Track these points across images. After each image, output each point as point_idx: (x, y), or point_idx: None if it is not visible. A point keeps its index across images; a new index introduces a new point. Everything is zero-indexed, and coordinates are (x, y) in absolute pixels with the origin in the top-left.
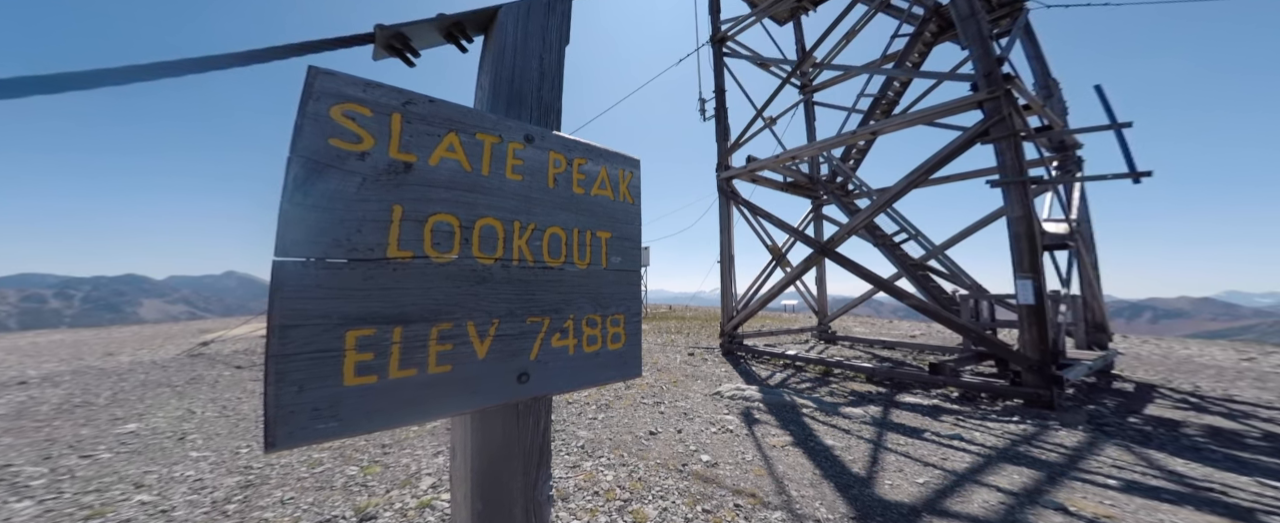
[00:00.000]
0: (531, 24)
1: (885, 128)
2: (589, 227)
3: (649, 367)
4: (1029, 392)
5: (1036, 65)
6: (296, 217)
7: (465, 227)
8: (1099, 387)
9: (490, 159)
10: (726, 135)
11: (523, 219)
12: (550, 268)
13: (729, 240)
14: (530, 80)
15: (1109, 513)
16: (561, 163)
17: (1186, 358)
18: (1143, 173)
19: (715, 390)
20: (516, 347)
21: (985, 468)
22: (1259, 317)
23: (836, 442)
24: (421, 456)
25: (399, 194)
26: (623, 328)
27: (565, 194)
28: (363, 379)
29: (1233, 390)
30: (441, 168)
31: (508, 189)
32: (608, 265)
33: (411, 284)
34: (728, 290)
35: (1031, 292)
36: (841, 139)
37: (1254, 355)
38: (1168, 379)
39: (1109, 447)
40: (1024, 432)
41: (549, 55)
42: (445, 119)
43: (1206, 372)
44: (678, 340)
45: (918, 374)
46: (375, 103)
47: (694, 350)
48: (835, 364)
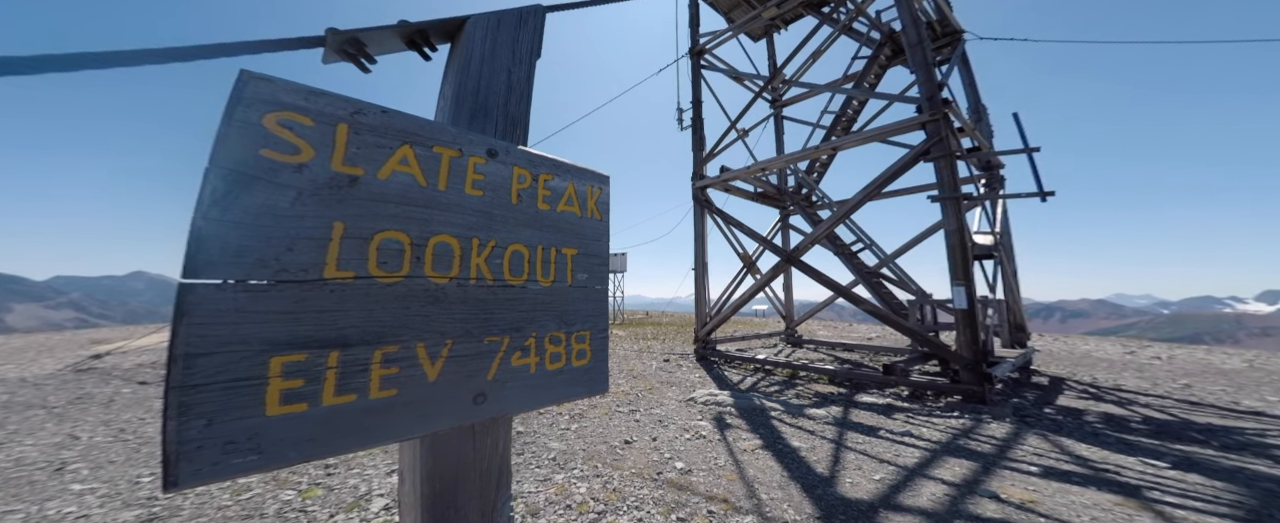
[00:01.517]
0: (501, 36)
1: (845, 144)
2: (554, 243)
3: (625, 374)
4: (966, 388)
5: (969, 91)
6: (213, 234)
7: (417, 245)
8: (1021, 381)
9: (448, 174)
10: (702, 145)
11: (482, 236)
12: (511, 286)
13: (703, 248)
14: (497, 93)
15: (1032, 499)
16: (526, 179)
17: (1086, 353)
18: (1048, 192)
19: (689, 397)
20: (473, 367)
21: (932, 462)
22: (1137, 316)
23: (802, 443)
24: (372, 475)
25: (341, 210)
26: (588, 345)
27: (530, 210)
28: (290, 408)
29: (1120, 380)
30: (392, 182)
31: (467, 205)
32: (573, 282)
33: (352, 306)
34: (702, 297)
35: (965, 298)
36: (806, 153)
37: (1134, 349)
38: (1073, 372)
39: (1030, 436)
40: (963, 426)
41: (518, 69)
42: (399, 131)
43: (1101, 365)
44: (654, 347)
45: (873, 375)
46: (318, 112)
47: (669, 357)
48: (801, 367)
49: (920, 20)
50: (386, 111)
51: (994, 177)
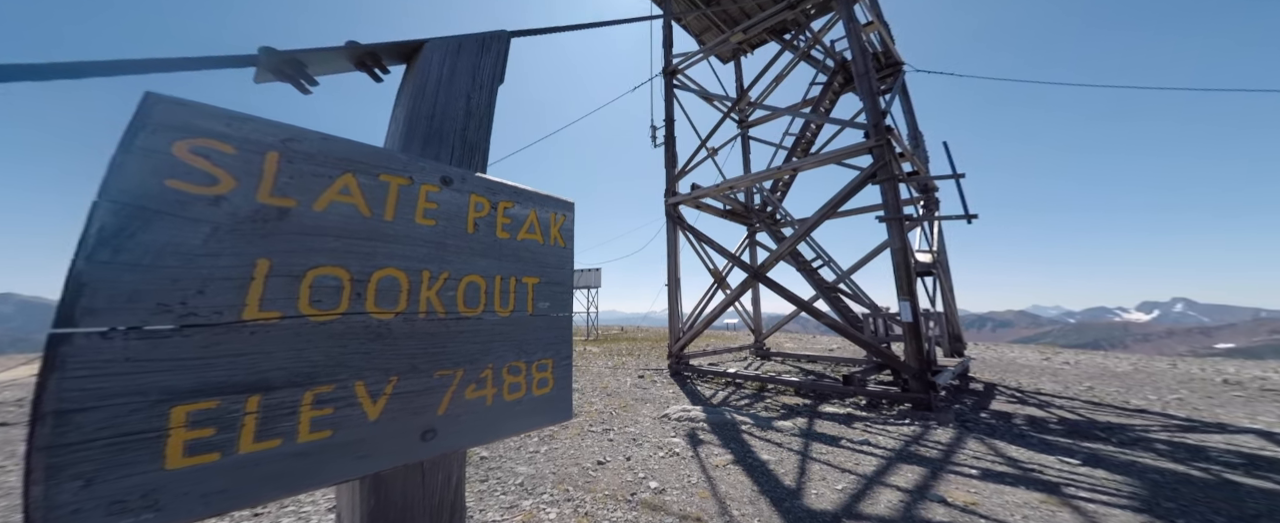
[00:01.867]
0: (462, 61)
1: (804, 165)
2: (514, 273)
3: (599, 392)
4: (915, 396)
5: (908, 119)
6: (101, 278)
7: (358, 280)
8: (961, 388)
9: (397, 203)
10: (674, 162)
11: (434, 268)
12: (466, 318)
13: (676, 264)
14: (454, 118)
15: (974, 501)
16: (484, 206)
17: (1012, 360)
18: (973, 216)
19: (663, 413)
20: (420, 403)
21: (887, 470)
22: (1051, 324)
23: (771, 456)
24: (311, 512)
25: (267, 245)
26: (551, 373)
27: (487, 240)
28: (197, 459)
29: (1039, 385)
30: (330, 214)
31: (417, 236)
32: (534, 311)
33: (277, 347)
34: (675, 313)
35: (910, 311)
36: (770, 173)
37: (1049, 356)
38: (1002, 378)
39: (970, 440)
40: (913, 433)
41: (479, 94)
42: (341, 159)
43: (1024, 371)
44: (628, 363)
45: (835, 386)
46: (243, 139)
47: (644, 373)
48: (769, 380)
49: (867, 51)
50: (327, 138)
51: (930, 199)
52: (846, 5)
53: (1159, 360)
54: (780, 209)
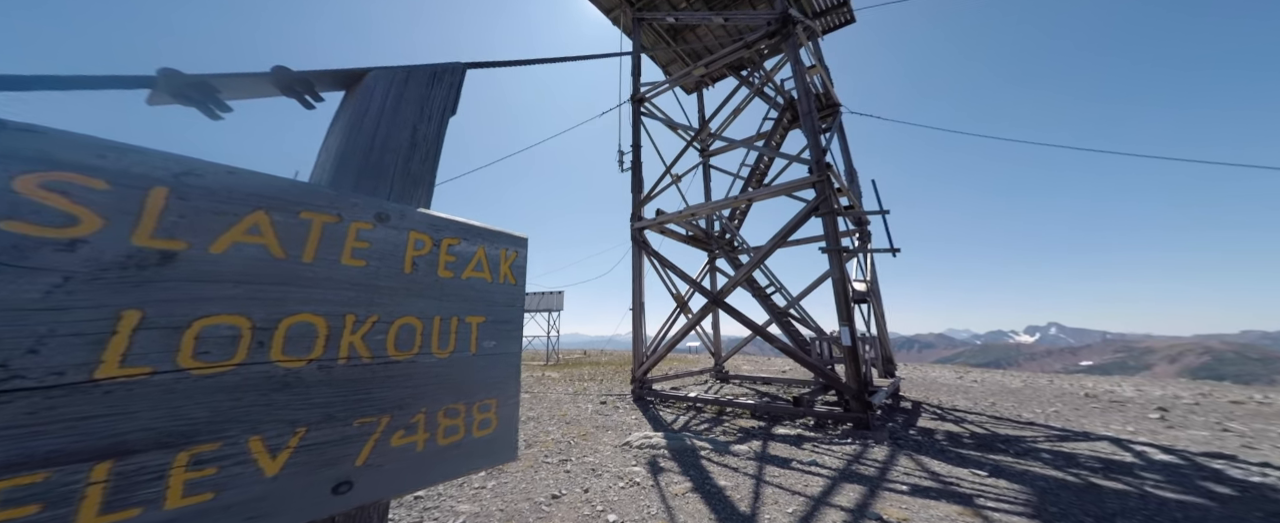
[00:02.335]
0: (410, 91)
1: (758, 196)
2: (456, 313)
3: (557, 420)
4: (855, 416)
5: (845, 156)
6: None
7: (262, 328)
8: (893, 407)
9: (319, 243)
10: (640, 187)
11: (361, 312)
12: (396, 362)
13: (640, 288)
14: (396, 151)
15: (905, 517)
16: (425, 244)
17: (934, 379)
18: (896, 249)
19: (625, 441)
20: (334, 454)
21: (832, 490)
22: (963, 346)
23: (728, 482)
24: None
25: (139, 295)
26: (494, 413)
27: (427, 279)
28: None
29: (955, 402)
30: (231, 257)
31: (342, 278)
32: (478, 351)
33: (144, 406)
34: (639, 337)
35: (849, 336)
36: (728, 201)
37: (962, 374)
38: (926, 397)
39: (902, 457)
40: (854, 452)
41: (427, 125)
42: (252, 194)
43: (943, 389)
44: (590, 388)
45: (786, 408)
46: (120, 172)
47: (606, 398)
48: (727, 403)
49: (810, 92)
50: (235, 172)
51: (864, 232)
52: (793, 48)
53: (1041, 377)
54: (738, 236)
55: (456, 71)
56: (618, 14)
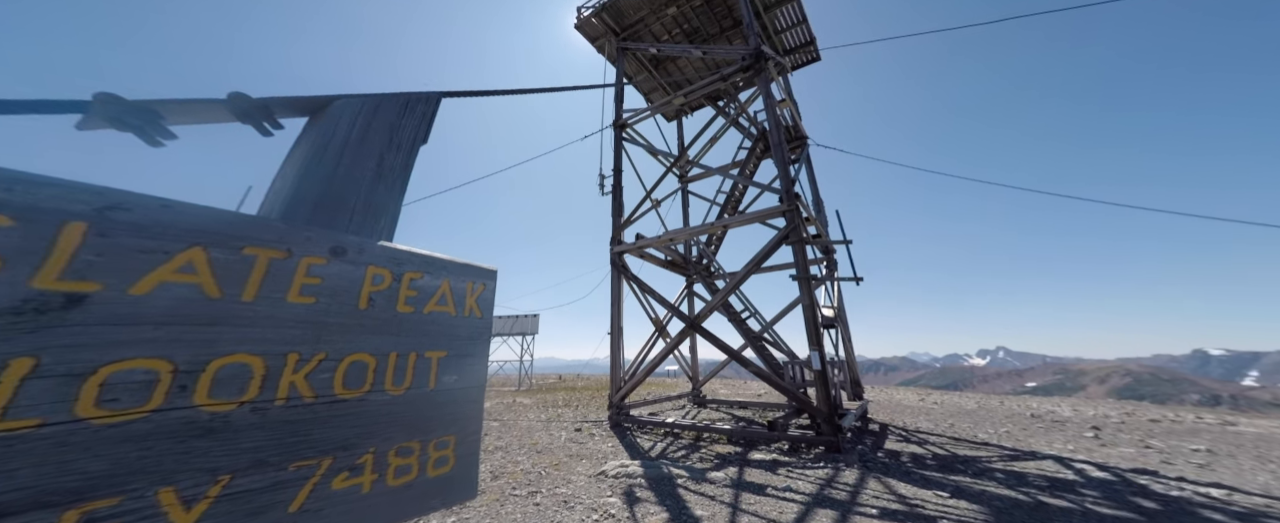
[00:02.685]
0: (379, 120)
1: (733, 223)
2: (415, 348)
3: (527, 449)
4: (826, 439)
5: (812, 187)
6: None
7: (187, 371)
8: (862, 429)
9: (263, 280)
10: (620, 211)
11: (306, 350)
12: (343, 401)
13: (619, 312)
14: (360, 181)
15: None
16: (384, 279)
17: (899, 402)
18: (859, 278)
19: (600, 470)
20: (263, 502)
21: (806, 516)
22: (924, 368)
23: (705, 512)
24: None
25: (33, 342)
26: (452, 451)
27: (384, 315)
28: None
29: (918, 424)
30: (156, 298)
31: (286, 316)
32: (437, 386)
33: (24, 463)
34: (616, 362)
35: (819, 360)
36: (705, 227)
37: (924, 397)
38: (892, 419)
39: (871, 480)
40: (826, 476)
41: (394, 155)
42: (189, 230)
43: (907, 411)
44: (565, 415)
45: (761, 432)
46: (28, 208)
47: (581, 425)
48: (704, 429)
49: (780, 124)
50: (170, 205)
51: (831, 260)
52: (765, 82)
53: (992, 398)
54: (714, 262)
55: (430, 101)
56: (603, 43)
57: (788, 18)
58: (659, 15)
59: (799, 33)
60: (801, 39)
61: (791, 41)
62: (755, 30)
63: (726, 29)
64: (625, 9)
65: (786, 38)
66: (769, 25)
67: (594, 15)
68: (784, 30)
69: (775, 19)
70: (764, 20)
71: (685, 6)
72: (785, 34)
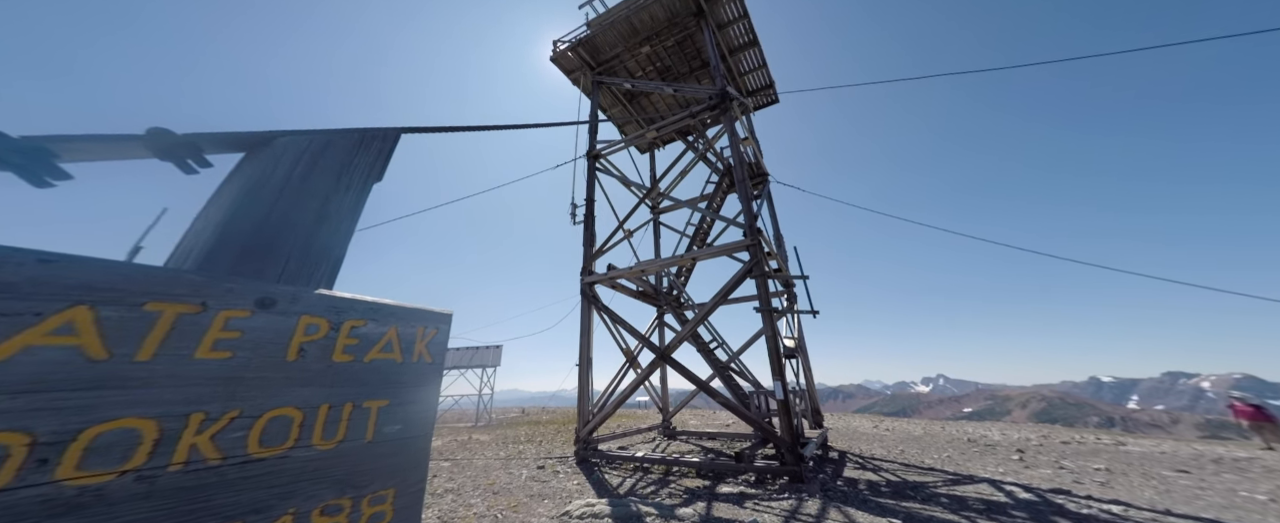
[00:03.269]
0: (328, 159)
1: (701, 256)
2: (351, 398)
3: (482, 491)
4: (790, 469)
5: (773, 223)
6: None
7: (50, 442)
8: (823, 458)
9: (165, 338)
10: (592, 241)
11: (215, 408)
12: (258, 460)
13: (588, 343)
14: (299, 225)
15: None
16: (320, 328)
17: (855, 429)
18: (816, 311)
19: (564, 511)
20: None
21: None
22: (877, 395)
23: None
24: None
25: None
26: (390, 504)
27: (316, 365)
28: None
29: (873, 451)
30: (17, 364)
31: (191, 374)
32: (376, 436)
33: None
34: (585, 394)
35: (782, 390)
36: (676, 259)
37: (877, 423)
38: (850, 446)
39: (832, 510)
40: (791, 507)
41: (342, 196)
42: (73, 287)
43: (863, 437)
44: (527, 451)
45: (729, 465)
46: None
47: (545, 462)
48: (673, 462)
49: (744, 161)
50: (49, 260)
51: (791, 293)
52: (730, 121)
53: (935, 424)
54: (684, 293)
55: (388, 138)
56: (578, 75)
57: (750, 61)
58: (633, 53)
59: (760, 76)
60: (762, 82)
61: (753, 84)
62: (721, 72)
63: (695, 69)
64: (601, 45)
65: (749, 80)
66: (734, 68)
67: (571, 49)
68: (747, 73)
69: (740, 62)
70: (729, 63)
71: (658, 46)
72: (748, 76)
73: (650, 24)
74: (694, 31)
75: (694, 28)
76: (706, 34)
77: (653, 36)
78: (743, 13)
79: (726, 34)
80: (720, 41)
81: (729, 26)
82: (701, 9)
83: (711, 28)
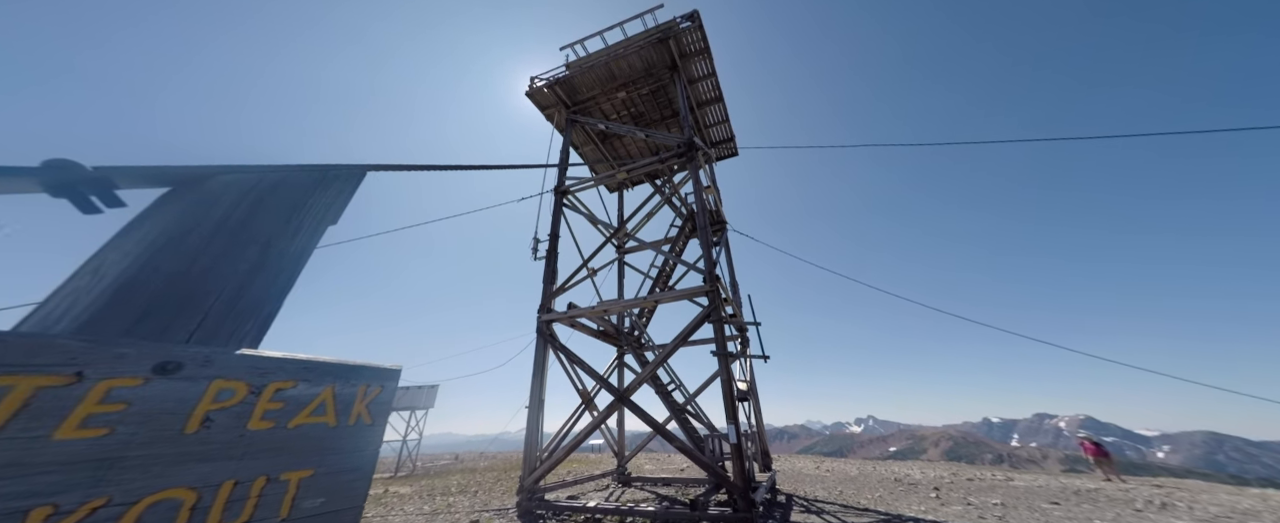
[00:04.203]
0: (277, 198)
1: (663, 299)
2: (266, 471)
3: None
4: (742, 516)
5: (730, 269)
6: None
7: None
8: (771, 501)
9: (12, 416)
10: (553, 278)
11: (70, 498)
12: None
13: (541, 384)
14: (229, 275)
15: None
16: (236, 393)
17: (800, 471)
18: (767, 356)
19: None
20: None
21: None
22: (818, 436)
23: None
24: None
25: None
26: None
27: (224, 437)
28: None
29: (815, 491)
30: None
31: (43, 459)
32: (292, 514)
33: None
34: (533, 439)
35: (735, 434)
36: (639, 301)
37: (819, 464)
38: (795, 489)
39: None
40: None
41: (286, 241)
42: None
43: (807, 479)
44: (458, 504)
45: (683, 513)
46: None
47: (480, 515)
48: (627, 512)
49: (706, 209)
50: None
51: (744, 337)
52: (695, 169)
53: (868, 464)
54: (645, 334)
55: (353, 176)
56: (553, 111)
57: (715, 116)
58: (610, 97)
59: (722, 129)
60: (724, 135)
61: (717, 136)
62: (690, 122)
63: (666, 117)
64: (579, 86)
65: (713, 132)
66: (701, 119)
67: (547, 87)
68: (712, 125)
69: (706, 115)
70: (697, 115)
71: (634, 93)
72: (712, 129)
73: (628, 72)
74: (667, 83)
75: (668, 80)
76: (679, 86)
77: (629, 83)
78: (711, 71)
79: (696, 88)
80: (690, 95)
81: (698, 82)
82: (676, 64)
83: (683, 81)
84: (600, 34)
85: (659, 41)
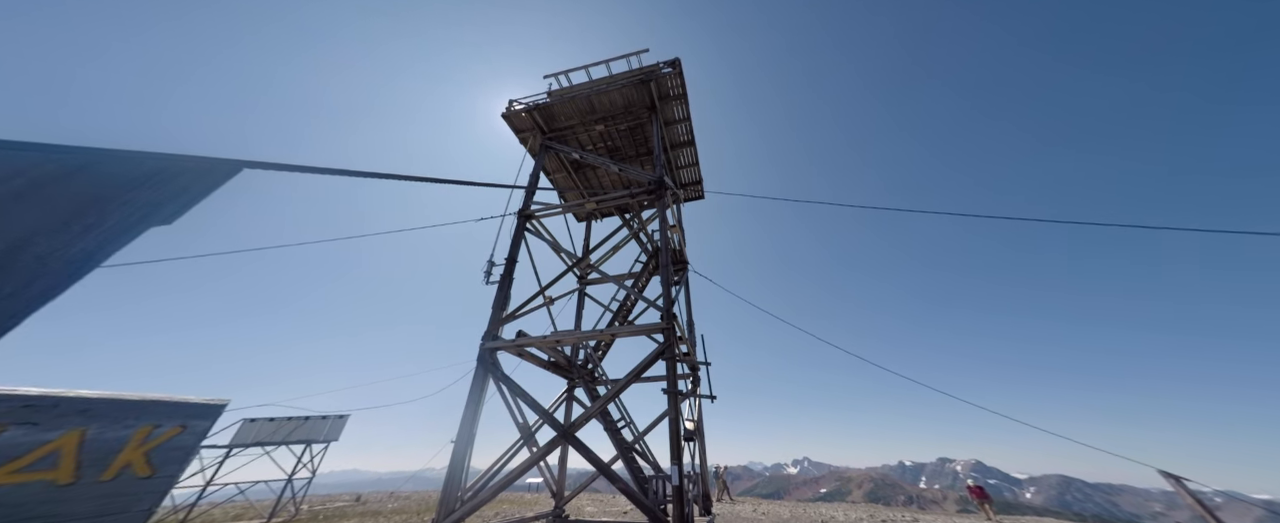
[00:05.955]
0: (59, 191)
1: (621, 333)
2: None
3: None
4: None
5: (687, 309)
6: None
7: None
8: None
9: None
10: (505, 304)
11: None
12: None
13: (475, 416)
14: None
15: None
16: None
17: (738, 513)
18: (714, 396)
19: None
20: None
21: None
22: (758, 477)
23: None
24: None
25: None
26: None
27: None
28: None
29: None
30: None
31: None
32: None
33: None
34: (455, 477)
35: (678, 476)
36: (597, 333)
37: (756, 506)
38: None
39: None
40: None
41: (60, 239)
42: None
43: (743, 522)
44: None
45: None
46: None
47: None
48: None
49: (670, 248)
50: None
51: (696, 377)
52: (663, 208)
53: (800, 506)
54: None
55: (210, 173)
56: (527, 136)
57: (686, 158)
58: (588, 128)
59: (691, 171)
60: (693, 178)
61: (686, 178)
62: (662, 162)
63: (640, 153)
64: (558, 114)
65: (684, 174)
66: (673, 161)
67: (525, 111)
68: (682, 167)
69: (678, 156)
70: (669, 155)
71: (612, 127)
72: (683, 170)
73: (608, 107)
74: (645, 122)
75: (645, 119)
76: (655, 126)
77: (608, 118)
78: (686, 115)
79: (671, 130)
80: (666, 136)
81: (674, 125)
82: (655, 105)
83: (660, 122)
84: (585, 68)
85: (641, 82)
